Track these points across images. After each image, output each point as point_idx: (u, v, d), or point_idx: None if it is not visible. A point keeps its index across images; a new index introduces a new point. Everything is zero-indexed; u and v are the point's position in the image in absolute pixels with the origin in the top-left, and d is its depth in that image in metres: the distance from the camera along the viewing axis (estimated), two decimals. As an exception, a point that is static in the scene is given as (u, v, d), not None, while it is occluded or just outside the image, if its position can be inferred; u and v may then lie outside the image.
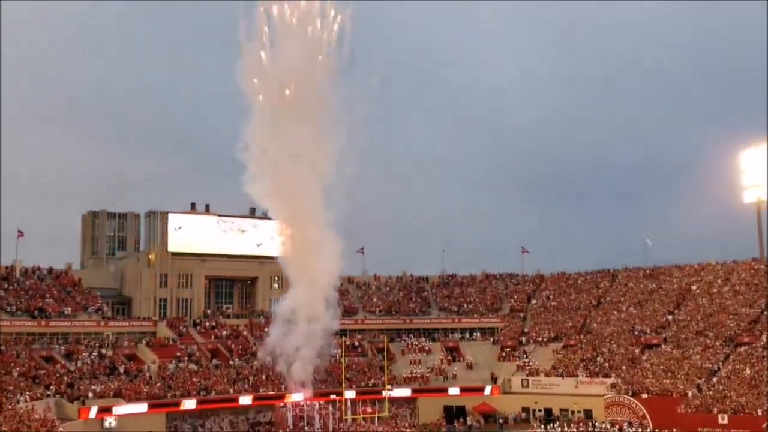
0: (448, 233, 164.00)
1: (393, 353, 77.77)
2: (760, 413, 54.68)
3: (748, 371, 61.72)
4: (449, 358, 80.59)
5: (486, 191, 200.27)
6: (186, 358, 69.11)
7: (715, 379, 63.29)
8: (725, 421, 55.58)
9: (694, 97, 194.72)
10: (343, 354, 68.27)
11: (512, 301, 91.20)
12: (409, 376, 75.77)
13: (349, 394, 66.68)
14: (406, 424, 65.59)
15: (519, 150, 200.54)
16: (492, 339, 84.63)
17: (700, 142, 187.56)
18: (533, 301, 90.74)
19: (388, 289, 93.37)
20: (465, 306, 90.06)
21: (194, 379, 65.24)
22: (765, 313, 69.71)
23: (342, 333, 76.78)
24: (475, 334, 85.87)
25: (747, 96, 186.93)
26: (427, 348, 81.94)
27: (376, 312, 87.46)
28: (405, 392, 72.26)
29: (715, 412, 57.25)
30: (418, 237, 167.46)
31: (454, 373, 77.21)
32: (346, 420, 63.79)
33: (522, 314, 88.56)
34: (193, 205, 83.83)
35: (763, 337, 65.60)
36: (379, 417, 65.59)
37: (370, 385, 71.40)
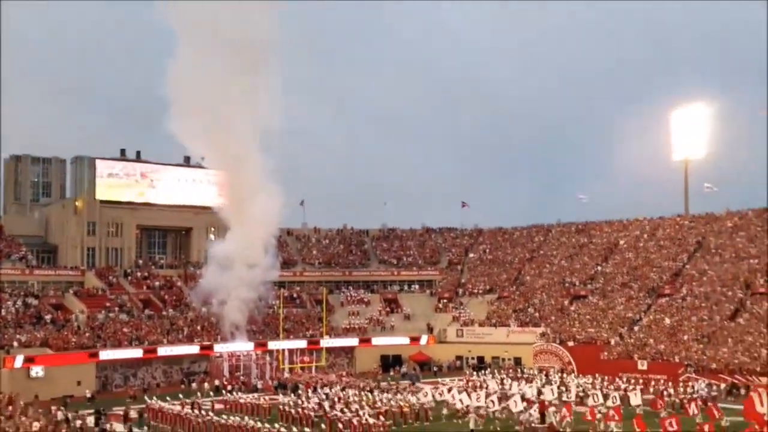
0: (389, 187, 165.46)
1: (332, 305, 79.32)
2: (677, 360, 58.36)
3: (667, 321, 65.52)
4: (388, 309, 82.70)
5: (427, 145, 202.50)
6: (116, 309, 68.79)
7: (636, 328, 67.03)
8: (644, 367, 59.12)
9: (629, 56, 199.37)
10: (281, 305, 69.41)
11: (450, 255, 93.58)
12: (348, 326, 77.60)
13: (287, 344, 68.10)
14: (344, 373, 67.47)
15: (460, 105, 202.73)
16: (429, 291, 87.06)
17: (634, 101, 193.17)
18: (470, 255, 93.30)
19: (327, 241, 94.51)
20: (404, 259, 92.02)
21: (125, 330, 65.23)
22: (686, 266, 73.63)
23: (281, 284, 77.90)
24: (413, 286, 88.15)
25: (681, 56, 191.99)
26: (366, 300, 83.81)
27: (315, 264, 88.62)
28: (347, 342, 74.10)
29: (636, 358, 60.86)
30: (359, 190, 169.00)
31: (392, 323, 79.41)
32: (284, 369, 65.31)
33: (459, 267, 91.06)
34: (122, 152, 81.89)
35: (684, 289, 69.44)
36: (316, 366, 67.37)
37: (308, 335, 72.90)
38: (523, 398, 44.30)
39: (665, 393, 49.52)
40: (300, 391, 52.87)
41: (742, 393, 51.08)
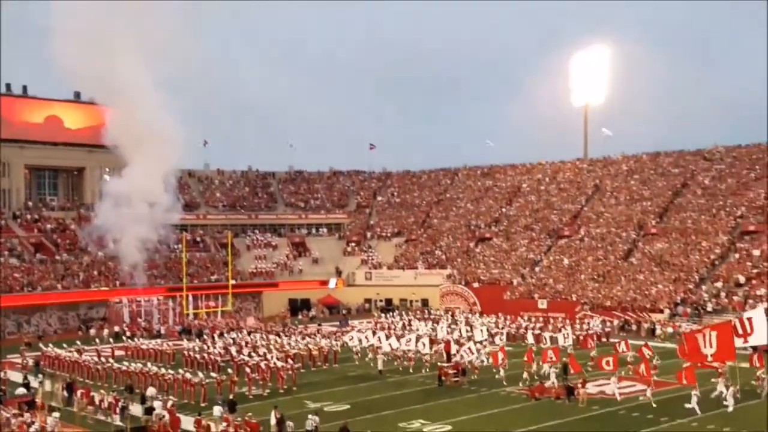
0: (296, 128, 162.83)
1: (237, 249, 77.93)
2: (574, 298, 60.99)
3: (566, 261, 68.20)
4: (295, 253, 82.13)
5: (336, 87, 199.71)
6: (6, 253, 65.03)
7: (537, 269, 69.51)
8: (544, 306, 61.53)
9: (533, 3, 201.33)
10: (185, 249, 67.52)
11: (359, 198, 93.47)
12: (254, 271, 76.61)
13: (191, 289, 66.57)
14: (251, 317, 66.78)
15: (371, 49, 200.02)
16: (338, 234, 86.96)
17: (536, 45, 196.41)
18: (379, 198, 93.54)
19: (231, 183, 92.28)
20: (312, 202, 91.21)
21: (16, 275, 61.88)
22: (584, 209, 76.52)
23: (183, 228, 75.66)
24: (321, 229, 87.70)
25: (581, 2, 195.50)
26: (273, 243, 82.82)
27: (219, 207, 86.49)
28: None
29: (536, 297, 63.24)
30: (264, 131, 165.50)
31: (300, 267, 79.01)
32: (188, 315, 63.95)
33: (368, 210, 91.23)
34: (8, 87, 76.06)
35: (582, 231, 72.27)
36: (222, 311, 66.33)
37: (213, 280, 71.52)
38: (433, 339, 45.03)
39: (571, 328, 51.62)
40: (205, 336, 51.94)
41: (633, 329, 54.11)
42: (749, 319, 31.50)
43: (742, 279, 55.35)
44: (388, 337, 44.26)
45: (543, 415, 29.23)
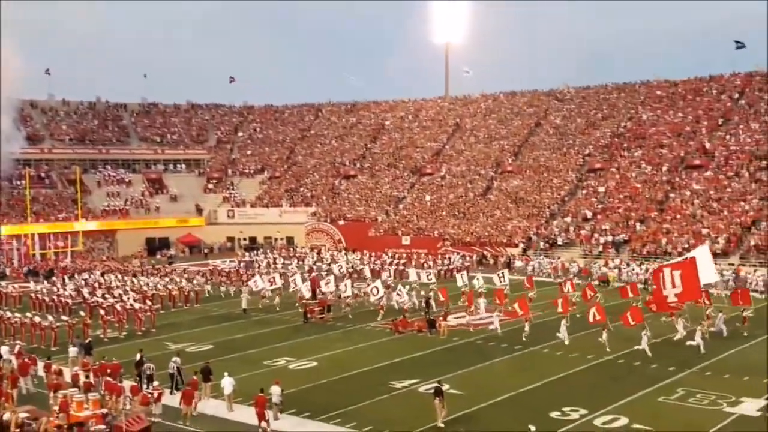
0: (149, 57, 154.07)
1: (87, 185, 73.59)
2: (436, 234, 62.83)
3: (428, 198, 69.94)
4: (151, 190, 78.72)
5: (195, 17, 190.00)
6: None
7: (401, 206, 70.85)
8: (408, 242, 63.03)
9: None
10: (28, 185, 62.86)
11: (219, 133, 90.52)
12: (107, 209, 72.82)
13: (37, 228, 62.43)
14: (104, 258, 63.74)
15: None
16: (197, 171, 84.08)
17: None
18: (240, 133, 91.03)
19: (79, 115, 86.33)
20: (168, 136, 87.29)
21: None
22: (446, 147, 78.38)
23: (26, 163, 70.46)
24: (179, 165, 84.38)
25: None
26: (126, 180, 78.83)
27: (65, 140, 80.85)
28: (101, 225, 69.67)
29: (400, 234, 64.60)
30: (114, 60, 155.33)
31: (157, 205, 75.95)
32: (34, 255, 60.11)
33: (229, 146, 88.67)
34: None
35: (443, 169, 74.14)
36: (72, 251, 62.83)
37: (61, 218, 67.30)
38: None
39: (427, 264, 53.22)
40: (55, 278, 49.06)
41: (491, 263, 56.67)
42: (693, 258, 30.78)
43: (589, 214, 59.10)
44: (304, 280, 42.78)
45: (406, 348, 30.07)
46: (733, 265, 46.36)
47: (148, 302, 38.27)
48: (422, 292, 39.98)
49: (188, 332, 34.66)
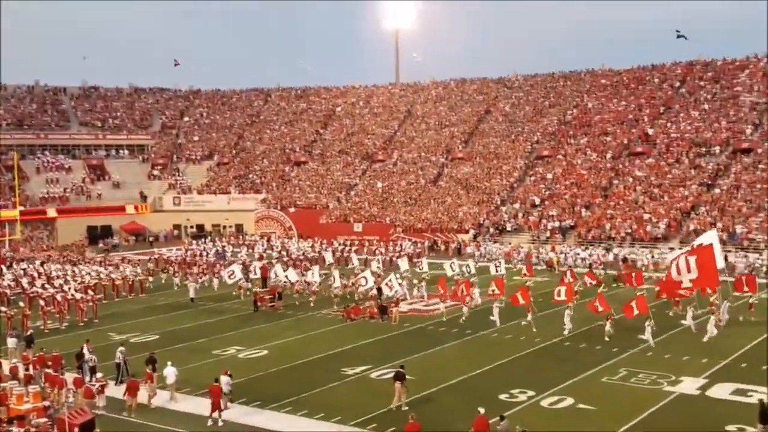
0: (89, 40, 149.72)
1: (25, 172, 71.47)
2: (388, 221, 63.06)
3: (380, 185, 70.10)
4: (93, 176, 76.94)
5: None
6: None
7: (353, 193, 70.85)
8: (360, 229, 63.13)
9: None
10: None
11: (164, 118, 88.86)
12: (46, 196, 70.89)
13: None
14: (44, 246, 62.13)
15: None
16: (141, 157, 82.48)
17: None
18: (186, 118, 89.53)
19: (17, 99, 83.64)
20: (110, 121, 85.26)
21: None
22: (397, 133, 78.60)
23: (-40, 148, 68.04)
24: (122, 151, 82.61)
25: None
26: (66, 166, 76.81)
27: (3, 125, 78.16)
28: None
29: (352, 221, 64.64)
30: (53, 42, 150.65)
31: (99, 192, 74.30)
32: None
33: (174, 131, 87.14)
34: None
35: (395, 155, 74.37)
36: (10, 240, 61.03)
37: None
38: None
39: (378, 252, 53.48)
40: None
41: (442, 249, 57.20)
42: (700, 245, 30.45)
43: (537, 200, 60.12)
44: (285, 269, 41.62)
45: (358, 335, 30.26)
46: (673, 249, 47.78)
47: (90, 292, 37.55)
48: (414, 281, 39.38)
49: (133, 322, 34.17)
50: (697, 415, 19.64)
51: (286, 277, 39.80)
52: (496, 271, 40.79)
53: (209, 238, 65.18)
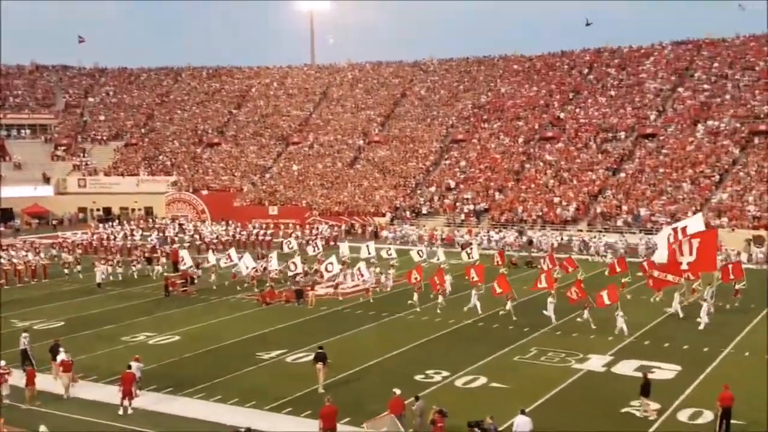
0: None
1: None
2: (304, 204, 62.59)
3: (295, 168, 69.47)
4: (-8, 157, 73.11)
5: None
6: None
7: (267, 176, 69.92)
8: (275, 212, 62.41)
9: None
10: None
11: (67, 96, 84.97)
12: (-60, 177, 66.86)
13: None
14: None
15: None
16: (44, 137, 78.80)
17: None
18: (91, 98, 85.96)
19: None
20: (11, 100, 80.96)
21: None
22: (313, 115, 77.99)
23: None
24: (23, 131, 78.69)
25: None
26: (-38, 146, 72.64)
27: None
28: None
29: (267, 204, 63.84)
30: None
31: (1, 174, 70.65)
32: None
33: (79, 111, 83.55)
34: None
35: (310, 138, 73.78)
36: None
37: None
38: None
39: (294, 235, 53.00)
40: None
41: (359, 232, 57.28)
42: (684, 228, 29.39)
43: (452, 184, 60.98)
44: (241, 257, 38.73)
45: (274, 319, 29.99)
46: (581, 231, 49.61)
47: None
48: (382, 269, 37.15)
49: (37, 309, 32.81)
50: (602, 390, 20.47)
51: (243, 263, 37.12)
52: (419, 257, 40.37)
53: (117, 221, 63.07)
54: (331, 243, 51.06)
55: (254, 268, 36.89)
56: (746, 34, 65.98)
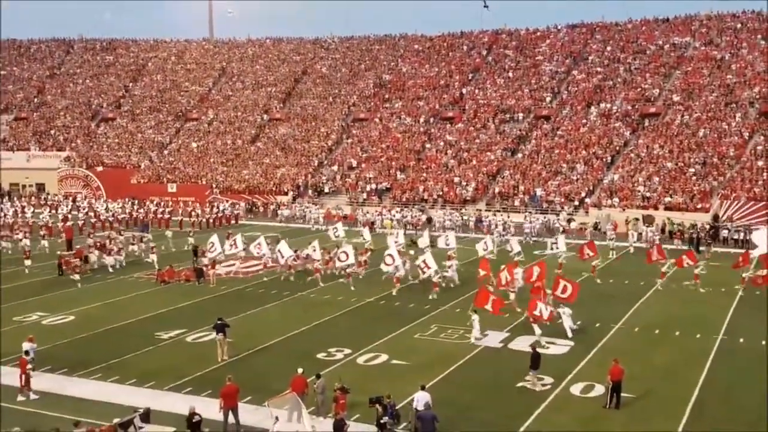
0: None
1: None
2: (204, 182, 61.11)
3: (195, 145, 67.60)
4: None
5: None
6: None
7: (166, 152, 67.73)
8: (174, 190, 60.64)
9: None
10: None
11: (-52, 66, 79.38)
12: None
13: None
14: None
15: None
16: None
17: None
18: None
19: None
20: None
21: None
22: (212, 91, 75.95)
23: None
24: None
25: None
26: None
27: None
28: None
29: (166, 181, 61.91)
30: None
31: None
32: None
33: (-38, 82, 78.24)
34: None
35: (210, 114, 71.90)
36: None
37: None
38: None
39: (195, 213, 51.78)
40: None
41: (261, 210, 56.49)
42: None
43: (354, 163, 61.01)
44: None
45: (172, 299, 29.24)
46: (480, 210, 50.76)
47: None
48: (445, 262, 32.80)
49: None
50: (499, 366, 21.06)
51: (279, 251, 33.28)
52: (335, 237, 39.37)
53: (7, 197, 59.68)
54: (232, 221, 50.13)
55: (292, 256, 33.07)
56: (638, 19, 68.39)
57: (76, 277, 32.09)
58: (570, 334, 23.18)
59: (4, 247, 38.67)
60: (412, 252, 35.90)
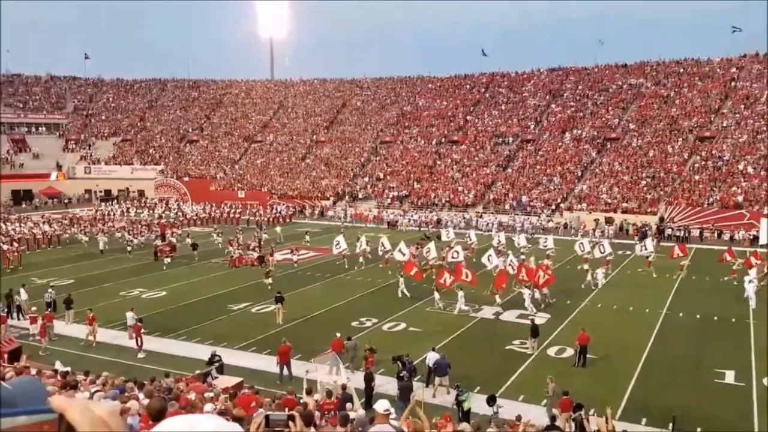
0: (8, 32, 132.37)
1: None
2: (265, 190, 61.44)
3: (259, 161, 68.04)
4: (16, 149, 68.80)
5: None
6: None
7: (236, 166, 68.26)
8: (243, 196, 61.05)
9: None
10: None
11: (75, 101, 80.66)
12: (-34, 164, 62.55)
13: None
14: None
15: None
16: (57, 133, 74.67)
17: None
18: (94, 102, 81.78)
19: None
20: (31, 103, 76.38)
21: None
22: (272, 119, 76.37)
23: None
24: (41, 128, 74.40)
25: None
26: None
27: None
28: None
29: (236, 189, 62.37)
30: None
31: (21, 162, 66.69)
32: None
33: (85, 112, 79.39)
34: None
35: (270, 137, 72.30)
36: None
37: None
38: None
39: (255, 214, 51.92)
40: None
41: (309, 212, 56.70)
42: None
43: (381, 175, 60.94)
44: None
45: (241, 279, 29.48)
46: (479, 213, 50.42)
47: (15, 244, 33.97)
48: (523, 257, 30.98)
49: (51, 269, 31.27)
50: (492, 332, 20.99)
51: (400, 250, 29.74)
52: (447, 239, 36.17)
53: (116, 201, 60.60)
54: (287, 220, 50.36)
55: (412, 254, 29.78)
56: (603, 64, 67.77)
57: (167, 260, 32.53)
58: (530, 309, 22.23)
59: (127, 239, 38.20)
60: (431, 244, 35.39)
